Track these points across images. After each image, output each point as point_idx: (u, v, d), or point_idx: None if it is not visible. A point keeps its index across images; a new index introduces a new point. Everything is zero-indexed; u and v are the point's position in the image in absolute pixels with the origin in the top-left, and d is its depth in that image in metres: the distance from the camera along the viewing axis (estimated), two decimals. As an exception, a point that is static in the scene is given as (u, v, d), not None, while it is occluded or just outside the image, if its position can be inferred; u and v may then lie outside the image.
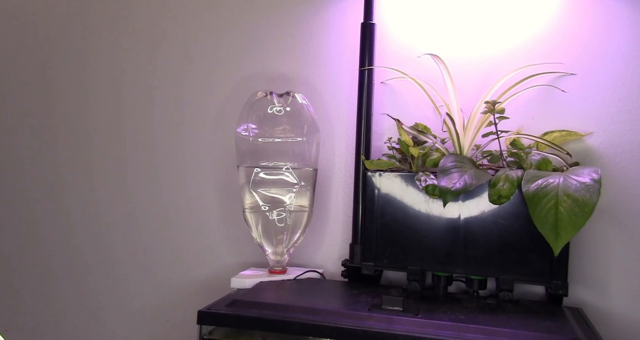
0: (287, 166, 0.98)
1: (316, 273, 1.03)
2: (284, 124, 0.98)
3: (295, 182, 0.98)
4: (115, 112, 1.22)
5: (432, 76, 0.99)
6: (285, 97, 0.99)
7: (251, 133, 0.98)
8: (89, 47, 1.23)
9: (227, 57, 1.15)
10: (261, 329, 0.78)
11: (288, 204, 0.98)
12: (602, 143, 0.96)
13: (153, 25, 1.19)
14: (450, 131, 0.94)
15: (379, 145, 1.05)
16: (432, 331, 0.73)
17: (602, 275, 0.96)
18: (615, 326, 0.95)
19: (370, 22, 1.02)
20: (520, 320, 0.80)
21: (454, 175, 0.85)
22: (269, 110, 0.98)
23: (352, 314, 0.78)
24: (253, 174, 0.98)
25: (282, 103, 0.98)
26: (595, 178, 0.80)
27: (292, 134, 0.98)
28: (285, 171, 0.98)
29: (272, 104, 0.98)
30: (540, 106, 0.98)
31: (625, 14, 0.95)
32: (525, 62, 0.97)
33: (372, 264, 0.95)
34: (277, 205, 0.98)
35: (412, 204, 0.93)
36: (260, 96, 0.99)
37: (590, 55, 0.96)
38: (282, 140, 0.98)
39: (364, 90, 1.01)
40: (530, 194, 0.81)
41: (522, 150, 0.90)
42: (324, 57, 1.10)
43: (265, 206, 0.98)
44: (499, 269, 0.89)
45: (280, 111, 0.98)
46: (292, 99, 0.99)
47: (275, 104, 0.98)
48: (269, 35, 1.12)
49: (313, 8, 1.10)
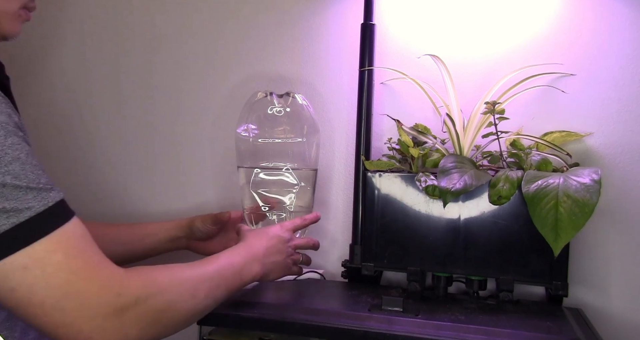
0: (287, 167, 0.98)
1: (316, 273, 1.03)
2: (283, 124, 0.98)
3: (295, 182, 0.98)
4: (112, 113, 1.22)
5: (432, 77, 0.99)
6: (285, 97, 0.99)
7: (251, 134, 0.98)
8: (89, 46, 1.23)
9: (226, 57, 1.15)
10: (261, 330, 0.78)
11: (288, 205, 0.98)
12: (602, 143, 0.96)
13: (151, 25, 1.19)
14: (450, 132, 0.94)
15: (379, 146, 1.05)
16: (432, 332, 0.73)
17: (602, 276, 0.96)
18: (615, 326, 0.95)
19: (370, 22, 1.02)
20: (520, 320, 0.80)
21: (454, 176, 0.85)
22: (269, 110, 0.98)
23: (352, 314, 0.78)
24: (253, 174, 0.98)
25: (282, 103, 0.98)
26: (595, 179, 0.80)
27: (292, 134, 0.98)
28: (285, 172, 0.98)
29: (272, 105, 0.98)
30: (540, 107, 0.98)
31: (625, 14, 0.95)
32: (525, 62, 0.97)
33: (372, 265, 0.95)
34: (277, 206, 0.98)
35: (412, 204, 0.93)
36: (260, 97, 0.99)
37: (590, 55, 0.97)
38: (282, 140, 0.98)
39: (364, 91, 1.01)
40: (530, 195, 0.81)
41: (522, 151, 0.90)
42: (324, 58, 1.10)
43: (265, 207, 0.98)
44: (499, 269, 0.89)
45: (280, 112, 0.98)
46: (292, 99, 0.99)
47: (275, 104, 0.98)
48: (269, 35, 1.12)
49: (313, 8, 1.10)
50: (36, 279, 0.54)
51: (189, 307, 0.66)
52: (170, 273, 0.66)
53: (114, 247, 0.92)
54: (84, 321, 0.56)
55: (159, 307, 0.62)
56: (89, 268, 0.58)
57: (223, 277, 0.73)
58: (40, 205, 0.56)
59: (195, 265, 0.71)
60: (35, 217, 0.55)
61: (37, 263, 0.55)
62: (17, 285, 0.54)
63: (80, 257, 0.57)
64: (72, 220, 0.59)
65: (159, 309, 0.62)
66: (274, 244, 0.83)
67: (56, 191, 0.58)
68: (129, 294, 0.59)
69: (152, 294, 0.62)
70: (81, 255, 0.58)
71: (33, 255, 0.54)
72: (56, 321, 0.56)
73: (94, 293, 0.57)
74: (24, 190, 0.55)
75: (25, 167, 0.55)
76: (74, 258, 0.57)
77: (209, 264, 0.72)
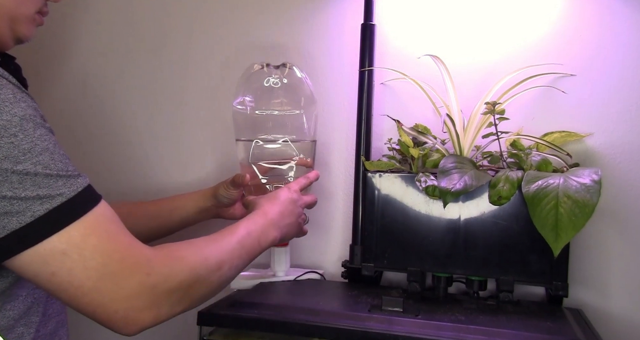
0: (285, 138, 0.95)
1: (316, 274, 1.03)
2: (281, 96, 0.96)
3: (295, 153, 0.95)
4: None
5: (432, 77, 0.99)
6: (282, 68, 0.97)
7: (248, 106, 0.96)
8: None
9: (224, 57, 1.15)
10: (261, 330, 0.78)
11: (287, 176, 0.96)
12: (602, 144, 0.96)
13: (154, 25, 1.19)
14: (450, 132, 0.94)
15: (379, 146, 1.05)
16: (432, 332, 0.73)
17: (602, 276, 0.96)
18: (615, 327, 0.95)
19: (370, 23, 1.02)
20: (520, 321, 0.80)
21: (454, 176, 0.85)
22: (265, 83, 0.95)
23: (352, 314, 0.78)
24: (251, 146, 0.95)
25: (279, 75, 0.96)
26: (595, 179, 0.80)
27: (290, 106, 0.96)
28: (283, 143, 0.95)
29: (269, 76, 0.96)
30: (540, 107, 0.98)
31: (625, 14, 0.95)
32: (525, 63, 0.97)
33: (372, 265, 0.95)
34: (276, 178, 0.96)
35: (412, 204, 0.93)
36: (256, 69, 0.97)
37: (590, 56, 0.97)
38: (279, 112, 0.96)
39: (364, 91, 1.01)
40: (530, 195, 0.81)
41: (522, 151, 0.90)
42: (324, 58, 1.10)
43: (264, 179, 0.96)
44: (499, 269, 0.89)
45: (277, 83, 0.95)
46: (288, 70, 0.97)
47: (271, 76, 0.95)
48: (269, 35, 1.12)
49: (312, 9, 1.10)
50: (74, 263, 0.58)
51: (214, 279, 0.69)
52: (195, 249, 0.69)
53: (144, 223, 0.95)
54: (119, 301, 0.60)
55: (187, 282, 0.65)
56: (121, 249, 0.61)
57: (244, 247, 0.75)
58: (71, 191, 0.59)
59: (217, 239, 0.73)
60: (66, 202, 0.58)
61: (74, 248, 0.58)
62: (58, 270, 0.57)
63: (112, 240, 0.61)
64: (100, 203, 0.62)
65: (187, 285, 0.65)
66: (286, 207, 0.86)
67: (83, 177, 0.61)
68: (158, 272, 0.62)
69: (180, 271, 0.65)
70: (113, 238, 0.61)
71: (70, 240, 0.58)
72: (95, 302, 0.59)
73: (126, 274, 0.60)
74: (54, 178, 0.58)
75: (54, 156, 0.59)
76: (107, 240, 0.60)
77: (230, 235, 0.75)
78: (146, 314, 0.61)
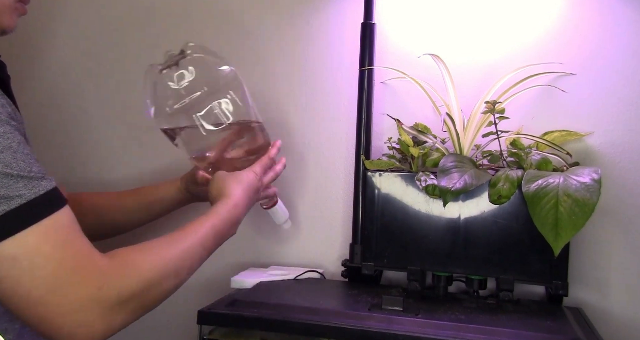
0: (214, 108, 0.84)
1: (316, 273, 1.03)
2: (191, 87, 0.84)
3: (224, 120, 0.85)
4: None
5: (432, 76, 0.99)
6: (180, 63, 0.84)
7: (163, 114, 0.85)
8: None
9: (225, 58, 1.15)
10: (261, 329, 0.78)
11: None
12: (602, 143, 0.96)
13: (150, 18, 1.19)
14: (450, 131, 0.94)
15: (379, 145, 1.05)
16: (432, 331, 0.73)
17: (602, 275, 0.96)
18: (615, 326, 0.95)
19: (370, 22, 1.02)
20: (520, 320, 0.80)
21: (454, 175, 0.85)
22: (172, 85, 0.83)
23: (352, 313, 0.78)
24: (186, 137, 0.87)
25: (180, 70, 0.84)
26: (595, 178, 0.80)
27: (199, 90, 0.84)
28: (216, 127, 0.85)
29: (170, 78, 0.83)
30: (540, 106, 0.98)
31: (625, 14, 0.95)
32: (525, 62, 0.97)
33: (372, 264, 0.95)
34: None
35: (412, 203, 0.93)
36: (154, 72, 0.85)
37: (590, 55, 0.96)
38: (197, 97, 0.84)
39: (364, 90, 1.01)
40: (530, 194, 0.81)
41: (522, 150, 0.90)
42: (324, 57, 1.09)
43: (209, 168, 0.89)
44: (499, 269, 0.89)
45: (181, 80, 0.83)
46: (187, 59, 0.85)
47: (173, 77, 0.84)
48: (269, 35, 1.12)
49: (312, 8, 1.10)
50: (23, 271, 0.54)
51: (171, 285, 0.67)
52: (153, 256, 0.66)
53: (121, 216, 0.96)
54: (65, 315, 0.56)
55: (142, 292, 0.62)
56: (74, 259, 0.58)
57: (206, 248, 0.74)
58: (31, 193, 0.55)
59: (180, 239, 0.71)
60: (25, 204, 0.55)
61: (25, 254, 0.54)
62: (4, 277, 0.54)
63: (67, 248, 0.57)
64: (63, 209, 0.59)
65: (141, 294, 0.62)
66: (251, 188, 0.85)
67: (48, 180, 0.58)
68: (110, 286, 0.59)
69: (135, 282, 0.62)
70: (68, 246, 0.58)
71: (23, 246, 0.54)
72: (39, 315, 0.56)
73: (76, 287, 0.57)
74: (15, 178, 0.55)
75: (16, 155, 0.56)
76: (61, 249, 0.57)
77: (194, 233, 0.72)
78: (97, 327, 0.58)
